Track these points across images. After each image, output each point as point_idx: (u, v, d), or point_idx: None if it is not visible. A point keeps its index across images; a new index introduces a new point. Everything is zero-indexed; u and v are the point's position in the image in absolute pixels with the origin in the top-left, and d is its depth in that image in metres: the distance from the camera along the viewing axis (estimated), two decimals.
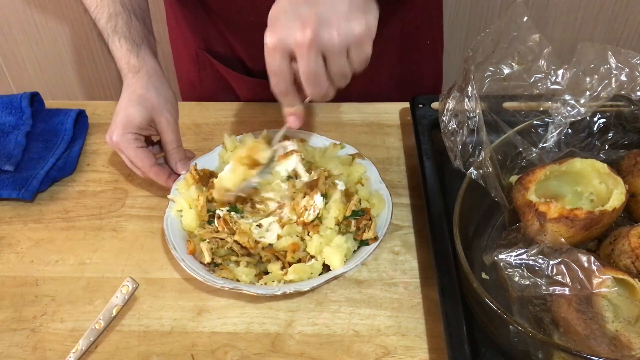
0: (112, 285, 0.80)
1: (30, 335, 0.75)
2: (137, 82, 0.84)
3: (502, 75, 0.81)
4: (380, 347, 0.73)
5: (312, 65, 0.65)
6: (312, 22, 0.62)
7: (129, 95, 0.84)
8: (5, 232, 0.87)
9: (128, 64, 0.85)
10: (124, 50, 0.85)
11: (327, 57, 0.65)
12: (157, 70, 0.87)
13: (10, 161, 0.92)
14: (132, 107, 0.82)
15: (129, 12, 0.87)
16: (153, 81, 0.85)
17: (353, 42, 0.65)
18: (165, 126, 0.85)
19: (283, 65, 0.66)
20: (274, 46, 0.65)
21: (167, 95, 0.86)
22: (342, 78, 0.68)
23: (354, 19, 0.64)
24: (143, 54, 0.86)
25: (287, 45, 0.65)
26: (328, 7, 0.63)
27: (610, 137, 0.84)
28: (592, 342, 0.62)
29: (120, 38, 0.85)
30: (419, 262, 0.82)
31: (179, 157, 0.87)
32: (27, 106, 0.99)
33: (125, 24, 0.86)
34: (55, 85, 1.89)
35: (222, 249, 0.80)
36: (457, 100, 0.80)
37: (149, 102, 0.83)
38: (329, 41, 0.63)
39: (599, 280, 0.64)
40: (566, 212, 0.72)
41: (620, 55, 0.79)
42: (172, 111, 0.86)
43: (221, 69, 1.10)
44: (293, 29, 0.63)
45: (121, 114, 0.83)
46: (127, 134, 0.82)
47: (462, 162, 0.79)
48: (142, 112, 0.83)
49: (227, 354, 0.73)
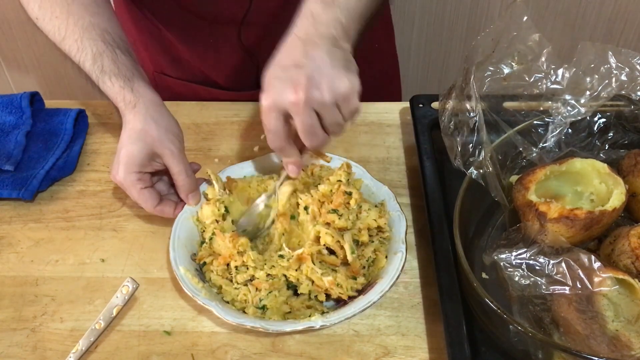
0: (112, 285, 0.80)
1: (30, 335, 0.75)
2: (134, 117, 0.81)
3: (502, 75, 0.81)
4: (380, 346, 0.73)
5: (307, 121, 0.71)
6: (303, 84, 0.69)
7: (128, 132, 0.81)
8: (5, 232, 0.87)
9: (124, 101, 0.82)
10: (117, 88, 0.82)
11: (320, 113, 0.72)
12: (155, 101, 0.84)
13: (10, 161, 0.92)
14: (132, 145, 0.80)
15: (112, 47, 0.84)
16: (151, 113, 0.82)
17: (341, 99, 0.72)
18: (169, 158, 0.81)
19: (278, 124, 0.73)
20: (269, 107, 0.72)
21: (167, 125, 0.83)
22: (337, 127, 0.74)
23: (338, 78, 0.71)
24: (137, 87, 0.83)
25: (281, 106, 0.71)
26: (314, 69, 0.70)
27: (610, 137, 0.84)
28: (592, 342, 0.62)
29: (110, 77, 0.82)
30: (419, 262, 0.82)
31: (189, 189, 0.83)
32: (27, 106, 0.99)
33: (111, 61, 0.83)
34: (55, 85, 1.89)
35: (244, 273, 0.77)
36: (457, 100, 0.80)
37: (149, 136, 0.80)
38: (320, 99, 0.70)
39: (599, 279, 0.64)
40: (566, 212, 0.72)
41: (620, 55, 0.79)
42: (175, 141, 0.83)
43: (179, 86, 1.11)
44: (286, 92, 0.70)
45: (122, 151, 0.81)
46: (131, 175, 0.80)
47: (462, 162, 0.79)
48: (143, 149, 0.80)
49: (227, 353, 0.73)
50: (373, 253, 0.78)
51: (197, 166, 0.89)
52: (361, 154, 0.95)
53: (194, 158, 0.96)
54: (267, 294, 0.74)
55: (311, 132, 0.72)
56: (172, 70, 1.10)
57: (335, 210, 0.78)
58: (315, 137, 0.73)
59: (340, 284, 0.74)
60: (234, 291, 0.76)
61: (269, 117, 0.73)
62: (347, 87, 0.71)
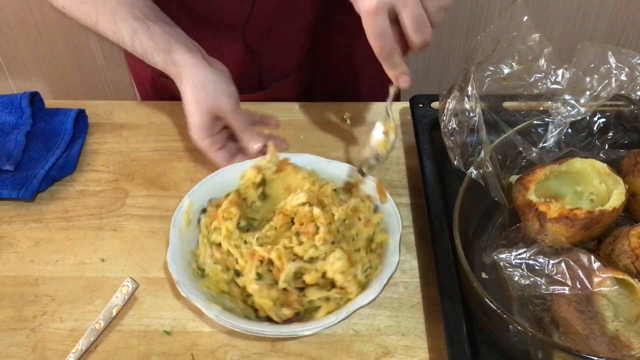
0: (112, 285, 0.80)
1: (30, 335, 0.75)
2: (185, 89, 0.84)
3: (502, 75, 0.81)
4: (380, 346, 0.73)
5: (417, 10, 0.68)
6: None
7: (185, 104, 0.85)
8: (5, 231, 0.87)
9: (171, 74, 0.86)
10: (161, 64, 0.85)
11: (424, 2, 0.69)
12: (198, 67, 0.85)
13: (10, 161, 0.92)
14: (192, 117, 0.84)
15: (144, 21, 0.85)
16: (197, 82, 0.84)
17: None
18: (230, 116, 0.85)
19: (386, 24, 0.69)
20: (375, 8, 0.68)
21: (215, 88, 0.85)
22: (441, 13, 0.71)
23: None
24: (177, 58, 0.85)
25: (386, 3, 0.68)
26: None
27: (610, 137, 0.84)
28: (592, 342, 0.62)
29: (152, 54, 0.85)
30: (419, 262, 0.82)
31: (249, 136, 0.86)
32: (27, 106, 0.99)
33: (147, 37, 0.85)
34: (55, 85, 1.90)
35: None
36: (457, 100, 0.80)
37: (202, 104, 0.84)
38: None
39: (598, 279, 0.64)
40: (566, 212, 0.72)
41: (620, 55, 0.79)
42: (228, 101, 0.85)
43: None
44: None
45: (189, 122, 0.85)
46: (202, 141, 0.86)
47: (462, 162, 0.79)
48: (203, 117, 0.84)
49: (227, 353, 0.73)
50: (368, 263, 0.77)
51: (273, 120, 0.95)
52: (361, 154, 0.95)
53: (194, 158, 0.96)
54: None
55: (422, 24, 0.69)
56: None
57: (297, 234, 0.76)
58: (424, 30, 0.70)
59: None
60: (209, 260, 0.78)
61: (376, 18, 0.69)
62: None
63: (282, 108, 1.04)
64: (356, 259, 0.75)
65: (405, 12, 0.69)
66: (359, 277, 0.74)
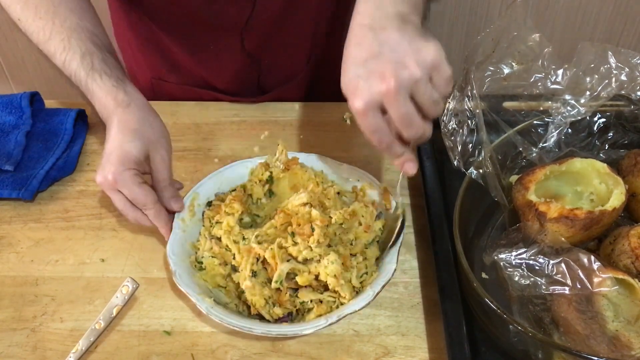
0: (112, 285, 0.80)
1: (30, 335, 0.75)
2: (129, 117, 0.79)
3: (502, 75, 0.81)
4: (380, 346, 0.73)
5: (402, 109, 0.65)
6: (389, 70, 0.64)
7: (122, 131, 0.78)
8: (5, 231, 0.87)
9: (115, 100, 0.79)
10: (109, 87, 0.80)
11: (414, 94, 0.66)
12: (147, 104, 0.83)
13: (10, 161, 0.92)
14: (128, 144, 0.78)
15: (102, 49, 0.83)
16: (145, 115, 0.81)
17: (431, 68, 0.65)
18: (159, 163, 0.80)
19: (378, 121, 0.67)
20: (364, 109, 0.66)
21: (161, 129, 0.82)
22: (434, 106, 0.68)
23: (420, 49, 0.65)
24: (129, 89, 0.81)
25: (375, 101, 0.65)
26: (393, 52, 0.65)
27: (610, 137, 0.84)
28: (592, 342, 0.62)
29: (102, 75, 0.80)
30: (419, 262, 0.82)
31: (171, 194, 0.81)
32: (27, 106, 0.99)
33: (102, 61, 0.81)
34: (55, 85, 1.89)
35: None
36: (457, 100, 0.80)
37: (145, 137, 0.79)
38: (410, 77, 0.64)
39: (599, 280, 0.64)
40: (566, 212, 0.72)
41: (620, 55, 0.79)
42: (167, 147, 0.82)
43: (178, 91, 1.10)
44: (374, 85, 0.65)
45: (116, 151, 0.77)
46: (127, 171, 0.77)
47: (462, 162, 0.79)
48: (140, 148, 0.78)
49: (227, 353, 0.73)
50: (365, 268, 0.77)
51: (179, 185, 0.88)
52: (361, 154, 0.95)
53: (194, 158, 0.96)
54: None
55: (409, 121, 0.66)
56: (171, 76, 1.10)
57: (292, 234, 0.75)
58: (412, 126, 0.67)
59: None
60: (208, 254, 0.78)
61: (367, 118, 0.66)
62: (434, 53, 0.65)
63: (282, 108, 1.04)
64: (352, 264, 0.75)
65: (391, 110, 0.66)
66: (353, 281, 0.74)
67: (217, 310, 0.71)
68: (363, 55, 0.66)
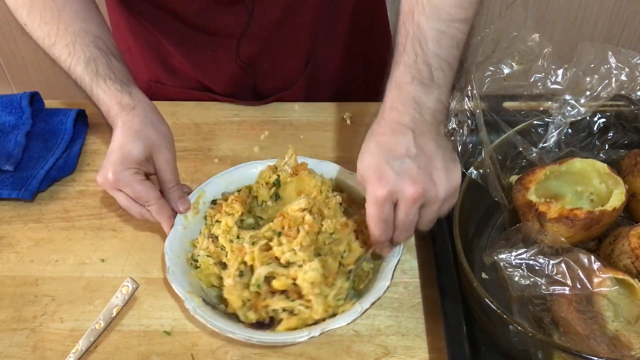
0: (112, 285, 0.80)
1: (30, 335, 0.75)
2: (133, 119, 0.80)
3: (502, 75, 0.81)
4: (380, 347, 0.73)
5: (411, 217, 0.69)
6: (422, 180, 0.67)
7: (124, 133, 0.79)
8: (5, 232, 0.87)
9: (120, 104, 0.80)
10: (113, 91, 0.80)
11: (424, 208, 0.70)
12: (153, 107, 0.83)
13: (10, 161, 0.92)
14: (129, 144, 0.78)
15: (106, 54, 0.83)
16: (150, 117, 0.81)
17: (450, 194, 0.70)
18: (164, 164, 0.80)
19: (391, 214, 0.70)
20: (385, 198, 0.68)
21: (165, 132, 0.82)
22: (430, 223, 0.73)
23: (450, 172, 0.70)
24: (134, 92, 0.82)
25: (396, 196, 0.68)
26: (428, 162, 0.69)
27: (610, 137, 0.84)
28: (592, 342, 0.62)
29: (106, 80, 0.81)
30: (419, 262, 0.82)
31: (178, 195, 0.81)
32: (27, 106, 0.99)
33: (106, 66, 0.81)
34: (55, 85, 1.90)
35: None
36: (457, 100, 0.80)
37: (148, 138, 0.79)
38: (434, 195, 0.69)
39: (599, 280, 0.64)
40: (566, 212, 0.72)
41: (620, 55, 0.79)
42: (171, 148, 0.82)
43: (176, 94, 1.10)
44: (405, 185, 0.67)
45: (117, 152, 0.77)
46: (127, 170, 0.77)
47: (462, 162, 0.79)
48: (141, 148, 0.78)
49: (227, 353, 0.73)
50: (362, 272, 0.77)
51: (187, 189, 0.87)
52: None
53: (194, 158, 0.96)
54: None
55: (409, 227, 0.71)
56: (168, 79, 1.10)
57: (279, 234, 0.75)
58: (408, 233, 0.72)
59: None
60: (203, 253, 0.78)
61: (383, 207, 0.69)
62: (457, 180, 0.71)
63: (282, 108, 1.04)
64: (334, 283, 0.73)
65: (402, 213, 0.69)
66: (329, 298, 0.72)
67: (203, 311, 0.71)
68: (400, 150, 0.68)
